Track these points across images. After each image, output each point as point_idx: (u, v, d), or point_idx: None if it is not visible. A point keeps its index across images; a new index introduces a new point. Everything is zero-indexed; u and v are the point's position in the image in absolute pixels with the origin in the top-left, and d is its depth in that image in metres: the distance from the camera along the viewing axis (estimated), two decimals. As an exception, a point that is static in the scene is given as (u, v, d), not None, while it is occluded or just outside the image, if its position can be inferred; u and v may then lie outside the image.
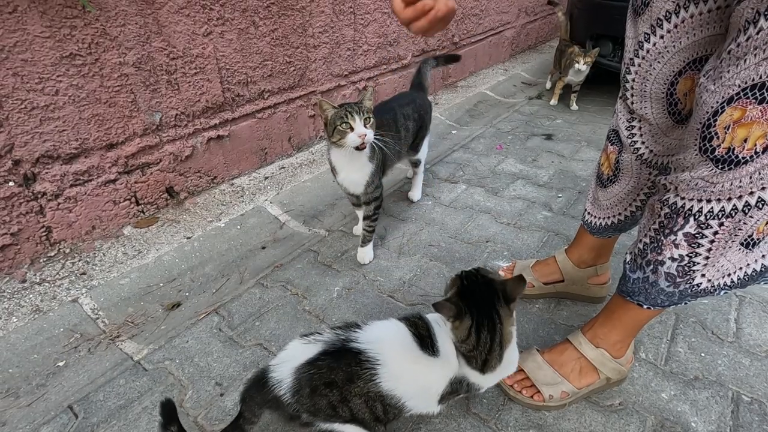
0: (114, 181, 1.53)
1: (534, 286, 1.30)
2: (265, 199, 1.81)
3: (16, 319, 1.23)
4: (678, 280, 0.82)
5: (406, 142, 1.58)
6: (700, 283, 0.81)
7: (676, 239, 0.79)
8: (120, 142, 1.51)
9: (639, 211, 1.07)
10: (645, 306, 0.90)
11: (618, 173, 1.05)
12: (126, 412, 1.01)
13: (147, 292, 1.37)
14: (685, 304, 0.87)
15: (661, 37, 0.83)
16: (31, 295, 1.30)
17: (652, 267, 0.84)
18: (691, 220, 0.76)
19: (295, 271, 1.47)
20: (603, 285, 1.27)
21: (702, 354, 1.12)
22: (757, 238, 0.76)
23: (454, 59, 1.84)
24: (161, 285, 1.40)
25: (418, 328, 0.85)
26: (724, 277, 0.81)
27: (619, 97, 0.99)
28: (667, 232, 0.80)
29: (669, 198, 0.79)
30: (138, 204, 1.63)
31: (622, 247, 1.45)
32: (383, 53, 2.48)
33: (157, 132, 1.60)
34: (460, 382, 0.84)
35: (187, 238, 1.57)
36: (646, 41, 0.85)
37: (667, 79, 0.86)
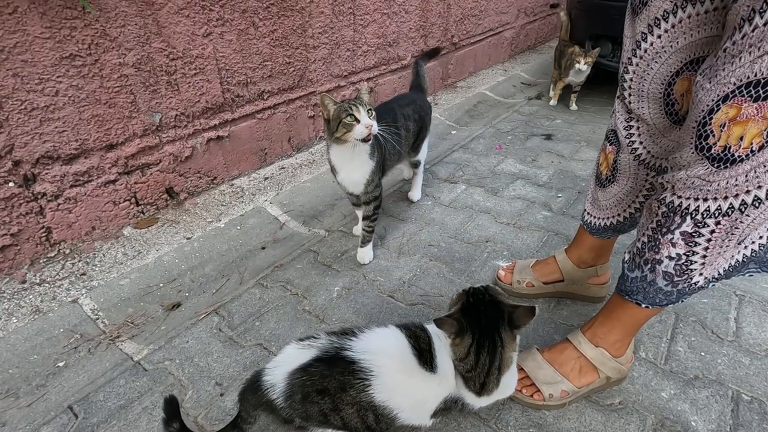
0: (114, 181, 1.53)
1: (534, 286, 1.30)
2: (265, 200, 1.82)
3: (16, 320, 1.23)
4: (676, 279, 0.82)
5: (407, 142, 1.59)
6: (698, 281, 0.81)
7: (673, 238, 0.79)
8: (120, 143, 1.51)
9: (638, 213, 1.07)
10: (643, 305, 0.90)
11: (616, 173, 1.05)
12: (126, 413, 1.02)
13: (147, 293, 1.37)
14: (682, 302, 0.87)
15: (659, 36, 0.83)
16: (31, 296, 1.30)
17: (650, 266, 0.84)
18: (688, 218, 0.76)
19: (295, 271, 1.47)
20: (603, 285, 1.27)
21: (702, 353, 1.12)
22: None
23: (435, 53, 1.85)
24: (161, 285, 1.40)
25: (418, 340, 0.83)
26: (716, 270, 0.81)
27: (617, 96, 0.99)
28: (664, 231, 0.80)
29: (666, 197, 0.79)
30: (138, 204, 1.63)
31: (621, 246, 1.45)
32: (383, 54, 2.48)
33: (156, 133, 1.61)
34: (456, 401, 0.82)
35: (187, 239, 1.57)
36: (643, 41, 0.85)
37: (665, 79, 0.86)
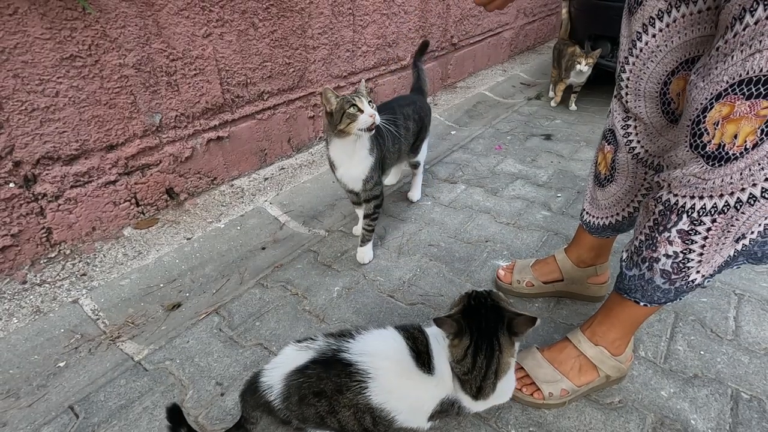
0: (114, 182, 1.53)
1: (533, 285, 1.30)
2: (265, 200, 1.82)
3: (16, 320, 1.23)
4: (673, 277, 0.82)
5: (407, 141, 1.59)
6: (695, 279, 0.82)
7: (669, 236, 0.79)
8: (120, 144, 1.52)
9: (636, 212, 1.07)
10: (642, 303, 0.90)
11: (615, 173, 1.05)
12: (127, 413, 1.02)
13: (147, 293, 1.37)
14: (680, 299, 0.87)
15: (653, 35, 0.83)
16: (31, 296, 1.31)
17: (647, 264, 0.85)
18: (684, 216, 0.76)
19: (295, 271, 1.47)
20: (602, 284, 1.28)
21: (701, 352, 1.13)
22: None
23: (424, 47, 1.83)
24: (161, 286, 1.40)
25: (416, 342, 0.83)
26: (713, 267, 0.81)
27: (615, 95, 1.00)
28: (661, 229, 0.80)
29: (662, 195, 0.79)
30: (138, 205, 1.63)
31: (621, 246, 1.45)
32: (382, 54, 2.49)
33: (157, 133, 1.61)
34: (452, 404, 0.82)
35: (187, 239, 1.57)
36: (638, 40, 0.86)
37: (661, 78, 0.87)
